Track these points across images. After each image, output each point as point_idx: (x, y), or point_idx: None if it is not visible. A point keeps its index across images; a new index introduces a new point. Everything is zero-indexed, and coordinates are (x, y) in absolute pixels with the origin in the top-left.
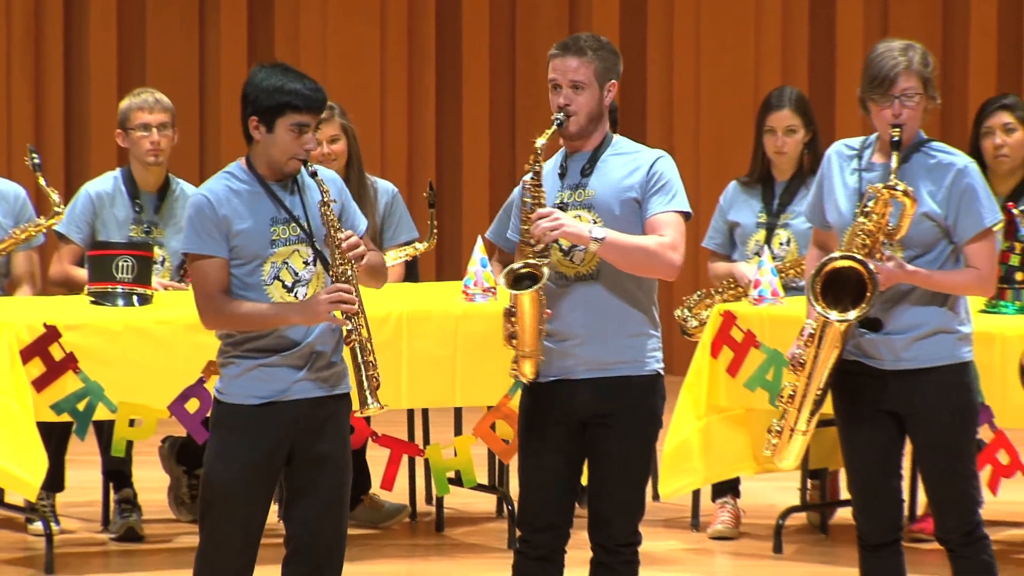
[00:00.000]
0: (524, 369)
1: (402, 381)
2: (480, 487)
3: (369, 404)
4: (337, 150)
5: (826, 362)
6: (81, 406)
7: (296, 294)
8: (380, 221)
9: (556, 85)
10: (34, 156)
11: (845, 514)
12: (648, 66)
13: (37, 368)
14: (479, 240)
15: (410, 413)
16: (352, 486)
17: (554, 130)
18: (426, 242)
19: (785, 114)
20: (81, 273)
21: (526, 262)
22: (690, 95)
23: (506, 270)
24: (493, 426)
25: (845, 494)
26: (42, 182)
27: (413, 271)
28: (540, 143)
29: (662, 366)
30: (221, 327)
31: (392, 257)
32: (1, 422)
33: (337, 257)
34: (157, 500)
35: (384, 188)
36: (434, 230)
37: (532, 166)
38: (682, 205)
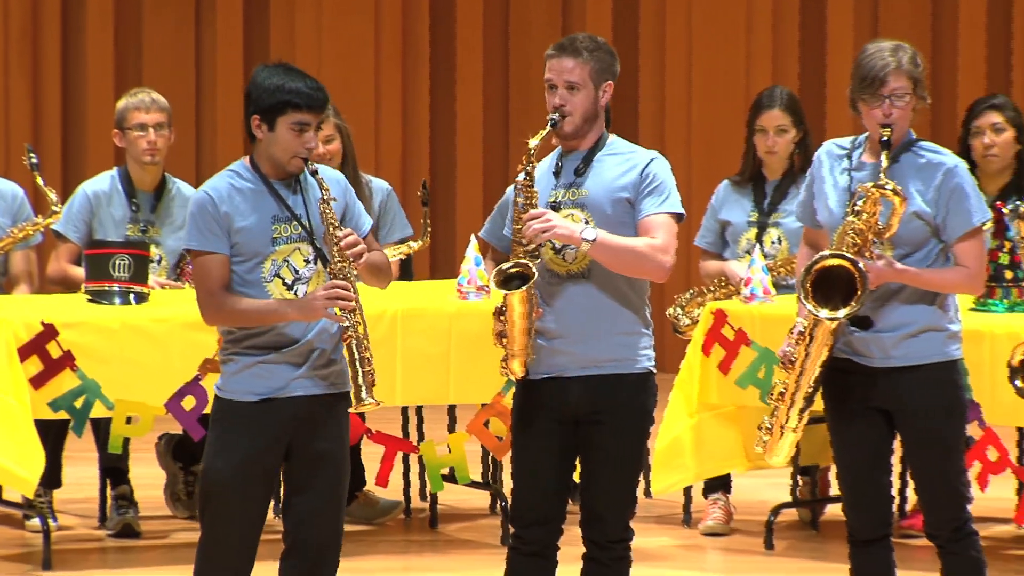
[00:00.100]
0: (513, 367)
1: (396, 378)
2: (474, 484)
3: (364, 400)
4: (332, 150)
5: (816, 360)
6: (78, 403)
7: (296, 292)
8: (375, 219)
9: (552, 85)
10: (32, 156)
11: (835, 510)
12: (640, 66)
13: (35, 366)
14: (473, 239)
15: (404, 410)
16: None
17: (548, 130)
18: (420, 240)
19: (776, 114)
20: (78, 272)
21: (516, 262)
22: (682, 95)
23: (496, 270)
24: (487, 423)
25: (835, 490)
26: (40, 181)
27: (407, 269)
28: (533, 144)
29: (654, 364)
30: (221, 323)
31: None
32: None
33: (335, 255)
34: (154, 496)
35: (379, 186)
36: (428, 229)
37: (525, 166)
38: (675, 207)
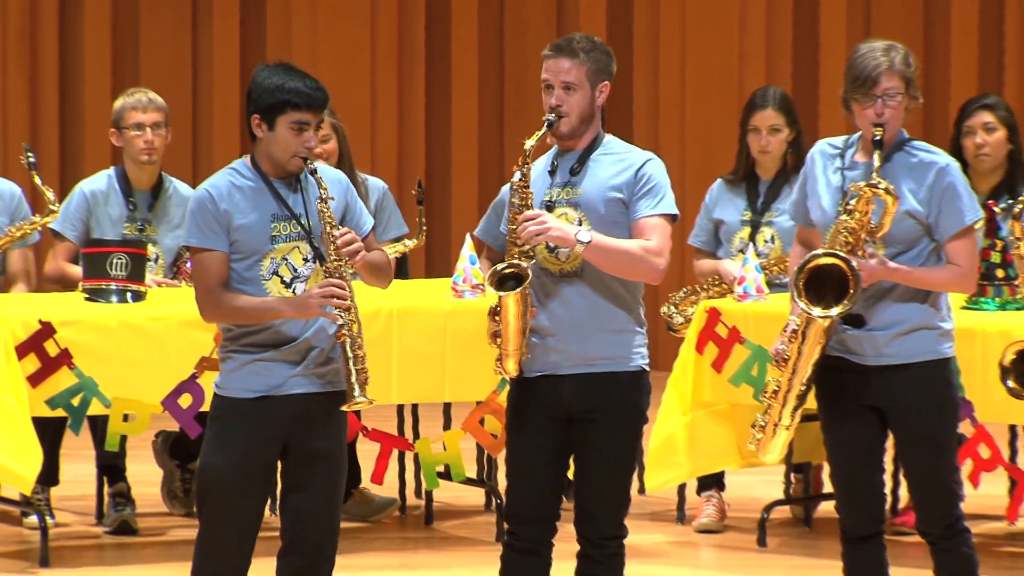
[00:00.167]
0: (507, 367)
1: (392, 376)
2: (469, 481)
3: (356, 398)
4: (328, 149)
5: (809, 358)
6: (76, 401)
7: (294, 290)
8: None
9: (548, 85)
10: (30, 155)
11: (828, 507)
12: (634, 66)
13: (32, 364)
14: (468, 237)
15: (400, 408)
16: None
17: (544, 131)
18: (415, 239)
19: (769, 113)
20: (76, 270)
21: (511, 262)
22: (676, 94)
23: (491, 271)
24: (482, 421)
25: (828, 488)
26: (38, 181)
27: (403, 268)
28: (529, 144)
29: (647, 362)
30: (219, 320)
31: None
32: None
33: (331, 253)
34: (150, 494)
35: (374, 185)
36: (423, 228)
37: (521, 167)
38: (669, 208)
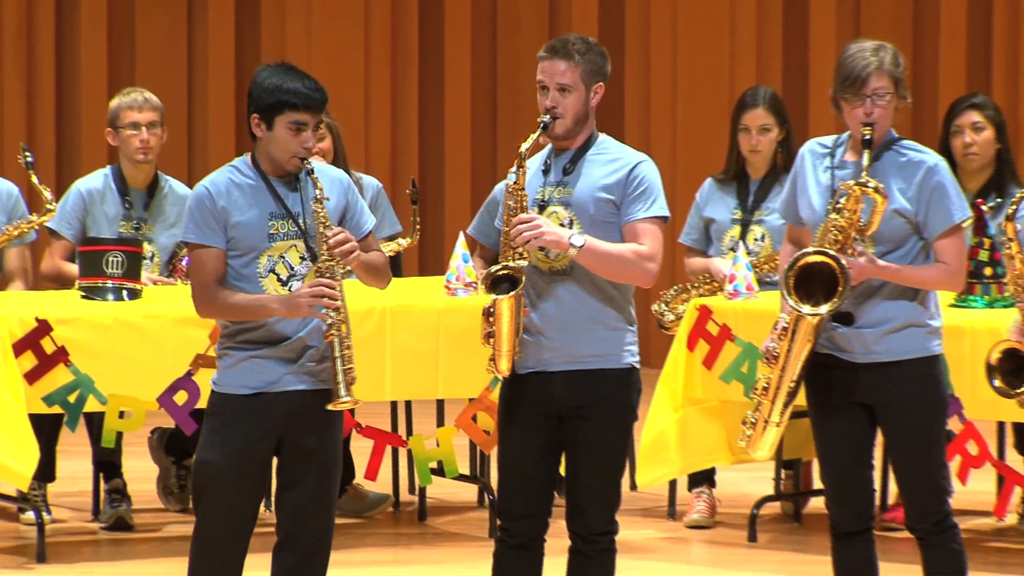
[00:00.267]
0: (500, 366)
1: (385, 374)
2: (462, 477)
3: (342, 397)
4: (324, 147)
5: (799, 355)
6: (72, 398)
7: (290, 288)
8: None
9: (543, 87)
10: (27, 154)
11: (818, 503)
12: (626, 66)
13: (29, 361)
14: (461, 236)
15: (393, 405)
16: None
17: (539, 133)
18: (409, 238)
19: (759, 113)
20: (72, 268)
21: (505, 264)
22: (667, 94)
23: (485, 273)
24: (474, 418)
25: (818, 484)
26: (35, 180)
27: (396, 266)
28: (525, 147)
29: (637, 359)
30: (213, 316)
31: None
32: None
33: (323, 253)
34: (146, 490)
35: (369, 183)
36: (417, 227)
37: (516, 170)
38: (661, 210)
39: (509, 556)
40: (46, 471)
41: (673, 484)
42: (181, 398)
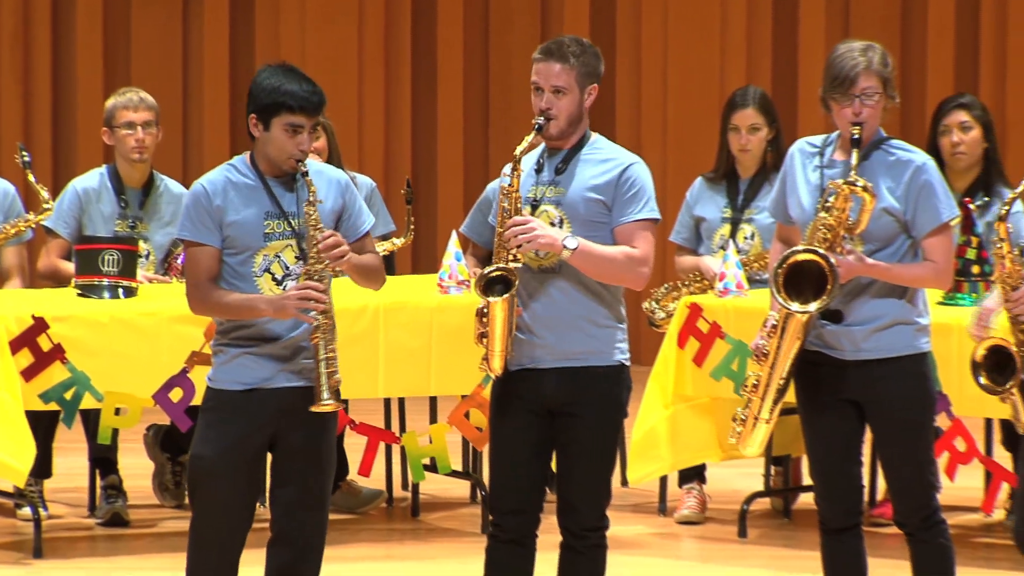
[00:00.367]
0: (493, 365)
1: (379, 371)
2: (454, 473)
3: (324, 400)
4: (318, 147)
5: (789, 352)
6: (68, 395)
7: (284, 287)
8: None
9: (538, 88)
10: (24, 154)
11: (807, 499)
12: (617, 65)
13: (26, 358)
14: (453, 234)
15: (387, 402)
16: None
17: (534, 135)
18: (403, 238)
19: (749, 112)
20: (68, 267)
21: (498, 266)
22: (658, 94)
23: (479, 275)
24: (467, 414)
25: (807, 480)
26: (31, 179)
27: (390, 264)
28: (520, 151)
29: (627, 357)
30: (204, 313)
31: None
32: None
33: (312, 256)
34: (142, 486)
35: (363, 182)
36: (411, 227)
37: (511, 174)
38: (652, 212)
39: (501, 551)
40: (42, 467)
41: (664, 480)
42: (176, 395)
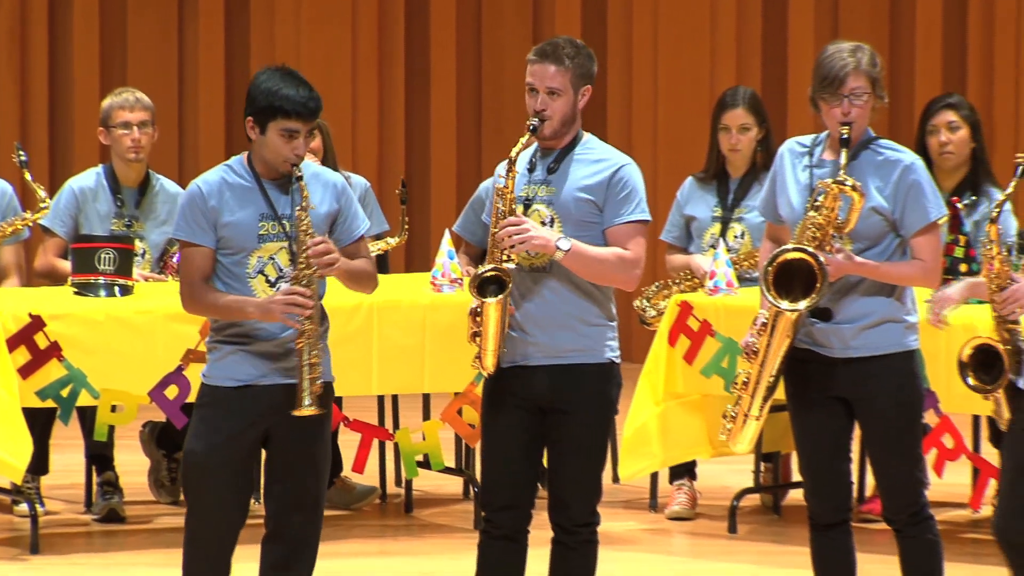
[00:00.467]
0: (486, 363)
1: (372, 368)
2: (447, 470)
3: (305, 406)
4: (314, 147)
5: (778, 350)
6: (65, 392)
7: (278, 288)
8: None
9: (533, 89)
10: (21, 153)
11: (797, 495)
12: (608, 66)
13: (23, 356)
14: (447, 233)
15: (380, 399)
16: None
17: (529, 136)
18: (397, 237)
19: (739, 112)
20: (65, 265)
21: (493, 267)
22: (648, 94)
23: (473, 275)
24: (460, 411)
25: (797, 476)
26: (28, 178)
27: (383, 263)
28: (515, 152)
29: (618, 354)
30: (196, 312)
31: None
32: None
33: (302, 261)
34: (138, 483)
35: (357, 182)
36: (405, 226)
37: (506, 176)
38: (643, 214)
39: (493, 547)
40: (39, 464)
41: (655, 477)
42: (172, 392)
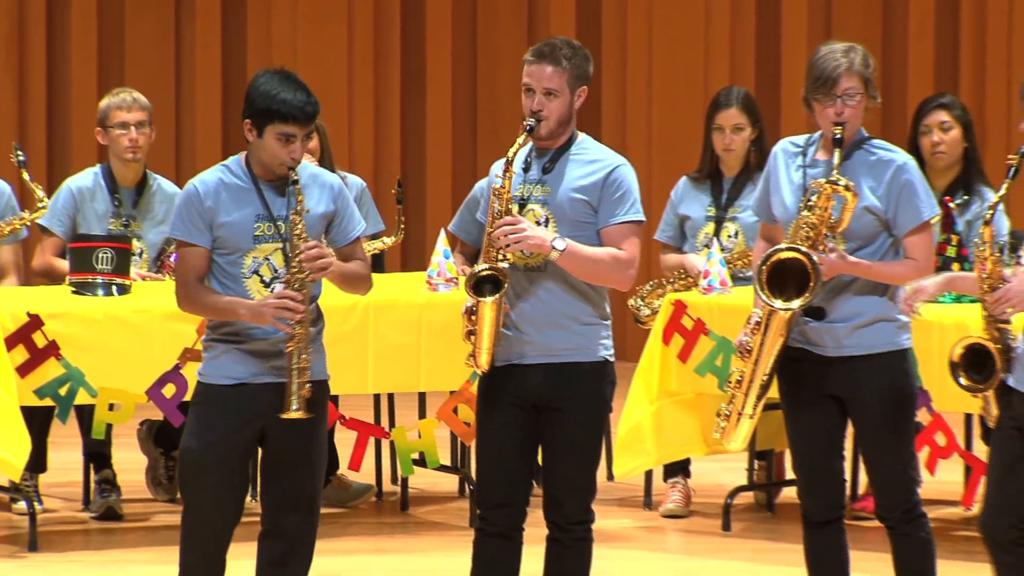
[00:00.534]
0: (480, 361)
1: (369, 367)
2: (443, 468)
3: (293, 408)
4: (311, 147)
5: (772, 349)
6: (63, 391)
7: (272, 289)
8: None
9: (529, 89)
10: (19, 153)
11: (790, 493)
12: (602, 66)
13: (21, 355)
14: (442, 233)
15: (376, 397)
16: None
17: (525, 136)
18: (393, 237)
19: (733, 112)
20: (63, 264)
21: (490, 266)
22: (642, 94)
23: (469, 273)
24: (455, 410)
25: (790, 474)
26: (26, 178)
27: (379, 263)
28: (512, 152)
29: (611, 353)
30: (189, 311)
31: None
32: None
33: (294, 265)
34: (135, 480)
35: (353, 182)
36: (401, 226)
37: (503, 176)
38: (637, 215)
39: (489, 544)
40: (38, 462)
41: (649, 474)
42: (169, 391)
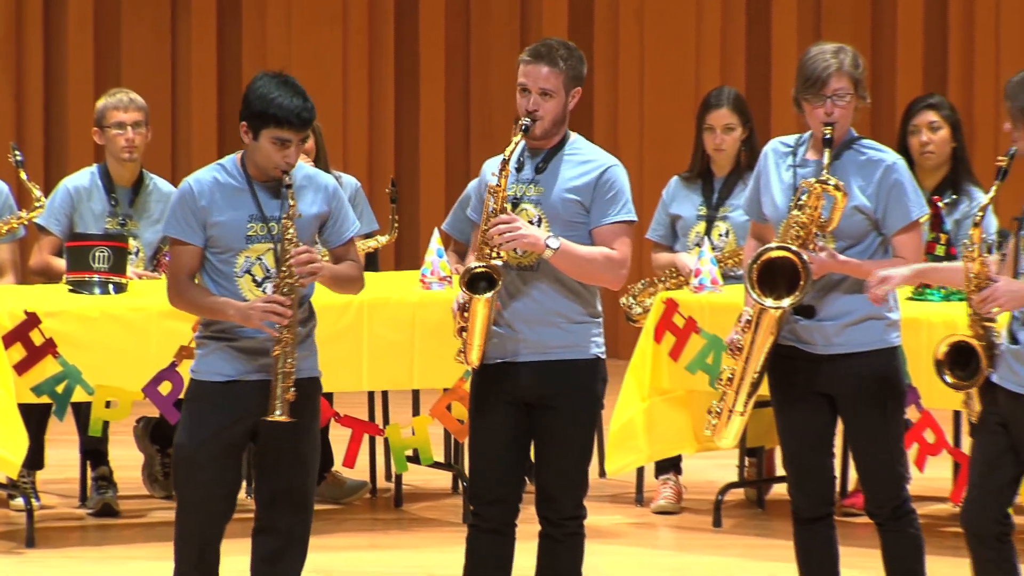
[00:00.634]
0: (470, 357)
1: (363, 365)
2: (436, 465)
3: (277, 412)
4: (307, 148)
5: (762, 347)
6: (60, 388)
7: (264, 289)
8: None
9: (525, 89)
10: (16, 153)
11: (780, 490)
12: (594, 66)
13: (18, 353)
14: (436, 232)
15: (370, 395)
16: None
17: (521, 136)
18: (387, 236)
19: (723, 113)
20: (60, 263)
21: (485, 263)
22: (634, 94)
23: (464, 270)
24: (449, 407)
25: (781, 471)
26: (24, 177)
27: (373, 261)
28: (509, 151)
29: (603, 351)
30: (180, 308)
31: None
32: None
33: (283, 269)
34: (132, 477)
35: (348, 182)
36: (395, 225)
37: (499, 175)
38: (629, 215)
39: (482, 540)
40: (35, 459)
41: (641, 471)
42: (165, 388)
